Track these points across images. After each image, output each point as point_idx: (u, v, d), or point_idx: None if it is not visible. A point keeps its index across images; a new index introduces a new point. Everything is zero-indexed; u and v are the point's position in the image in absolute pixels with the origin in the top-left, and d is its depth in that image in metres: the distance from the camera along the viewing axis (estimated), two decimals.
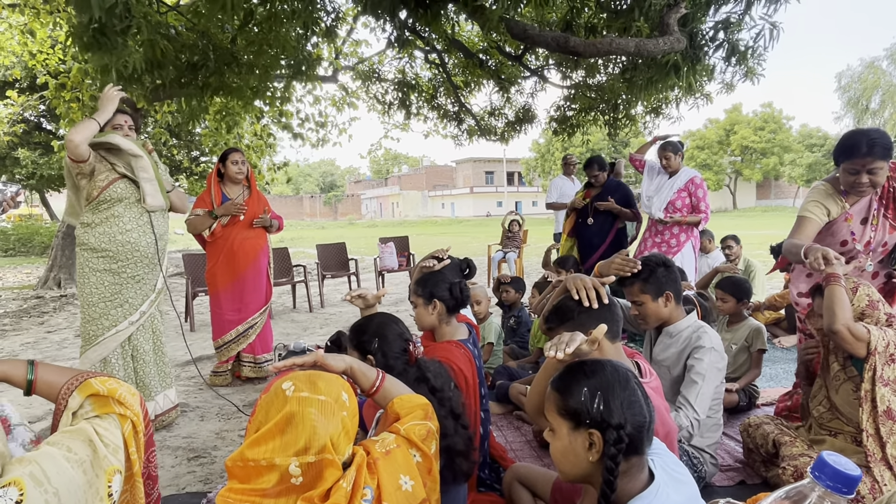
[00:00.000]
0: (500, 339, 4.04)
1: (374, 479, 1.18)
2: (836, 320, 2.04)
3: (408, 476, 1.24)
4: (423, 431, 1.36)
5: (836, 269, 2.09)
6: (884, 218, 2.56)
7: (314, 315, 6.93)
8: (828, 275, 2.12)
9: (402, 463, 1.26)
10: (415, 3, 3.87)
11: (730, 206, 43.20)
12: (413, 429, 1.35)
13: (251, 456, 1.08)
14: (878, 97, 32.06)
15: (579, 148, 27.98)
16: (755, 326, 3.50)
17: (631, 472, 1.19)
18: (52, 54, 7.42)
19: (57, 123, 10.72)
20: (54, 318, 6.92)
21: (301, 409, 1.11)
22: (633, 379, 1.24)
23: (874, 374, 2.01)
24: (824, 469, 0.70)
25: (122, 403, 1.16)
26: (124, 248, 3.04)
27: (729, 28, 4.36)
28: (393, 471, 1.23)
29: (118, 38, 3.45)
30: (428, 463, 1.34)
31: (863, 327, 2.05)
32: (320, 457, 1.09)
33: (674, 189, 4.47)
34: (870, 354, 2.02)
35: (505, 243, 8.47)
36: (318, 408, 1.12)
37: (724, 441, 2.81)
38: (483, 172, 58.04)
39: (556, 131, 7.50)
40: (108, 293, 3.02)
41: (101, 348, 3.01)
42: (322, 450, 1.09)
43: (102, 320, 3.01)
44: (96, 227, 3.01)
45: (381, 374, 1.47)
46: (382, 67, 8.06)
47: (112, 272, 3.03)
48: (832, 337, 2.09)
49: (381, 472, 1.20)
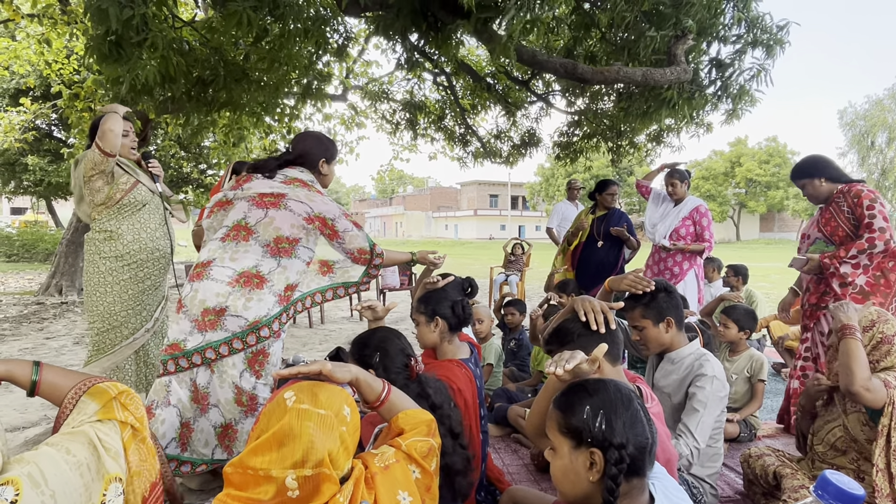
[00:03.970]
0: (501, 360, 4.02)
1: (371, 493, 1.17)
2: (853, 381, 1.97)
3: (406, 492, 1.23)
4: (424, 448, 1.34)
5: (851, 321, 2.08)
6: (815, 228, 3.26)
7: (314, 331, 6.91)
8: (843, 326, 2.09)
9: (401, 479, 1.25)
10: (426, 27, 3.93)
11: (733, 237, 43.21)
12: (415, 444, 1.33)
13: (250, 464, 1.07)
14: (885, 135, 32.26)
15: (583, 174, 28.14)
16: (757, 357, 3.47)
17: (632, 493, 1.18)
18: (67, 64, 7.52)
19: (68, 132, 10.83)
20: (54, 325, 6.91)
21: (300, 422, 1.10)
22: (636, 399, 1.23)
23: (893, 409, 1.97)
24: (828, 488, 0.70)
25: (126, 408, 1.15)
26: (153, 256, 3.03)
27: (723, 68, 4.44)
28: (391, 486, 1.21)
29: (134, 50, 3.50)
30: (428, 480, 1.33)
31: (880, 383, 1.98)
32: (317, 471, 1.08)
33: (679, 217, 4.49)
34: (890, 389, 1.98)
35: (507, 266, 8.47)
36: (317, 422, 1.11)
37: (725, 472, 2.78)
38: (487, 195, 58.26)
39: (559, 156, 7.55)
40: (132, 302, 2.98)
41: (116, 356, 2.97)
42: (319, 464, 1.08)
43: (122, 329, 2.96)
44: (124, 236, 2.95)
45: (387, 387, 1.44)
46: (391, 88, 8.16)
47: (137, 280, 2.99)
48: (850, 397, 2.03)
49: (379, 486, 1.18)
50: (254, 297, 2.30)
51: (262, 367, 2.35)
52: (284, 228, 2.41)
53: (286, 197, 2.45)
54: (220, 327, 2.28)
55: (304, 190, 2.51)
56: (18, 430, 3.35)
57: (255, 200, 2.45)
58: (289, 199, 2.45)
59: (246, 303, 2.29)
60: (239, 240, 2.40)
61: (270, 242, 2.39)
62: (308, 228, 2.46)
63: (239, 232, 2.41)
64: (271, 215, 2.42)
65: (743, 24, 4.22)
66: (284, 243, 2.41)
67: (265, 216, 2.42)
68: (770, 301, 6.09)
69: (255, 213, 2.43)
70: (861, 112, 33.43)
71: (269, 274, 2.36)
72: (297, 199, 2.46)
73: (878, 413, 1.99)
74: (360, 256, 2.60)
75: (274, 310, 2.34)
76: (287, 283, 2.40)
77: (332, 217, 2.50)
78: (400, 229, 59.86)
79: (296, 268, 2.45)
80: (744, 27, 4.24)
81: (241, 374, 2.31)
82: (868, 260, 3.02)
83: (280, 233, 2.40)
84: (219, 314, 2.28)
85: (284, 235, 2.41)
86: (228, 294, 2.29)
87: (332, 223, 2.50)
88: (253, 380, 2.33)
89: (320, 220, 2.48)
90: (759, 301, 5.50)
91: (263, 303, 2.31)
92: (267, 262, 2.38)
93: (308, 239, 2.49)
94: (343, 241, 2.55)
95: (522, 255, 8.49)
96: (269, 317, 2.32)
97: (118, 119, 2.83)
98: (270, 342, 2.36)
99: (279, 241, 2.40)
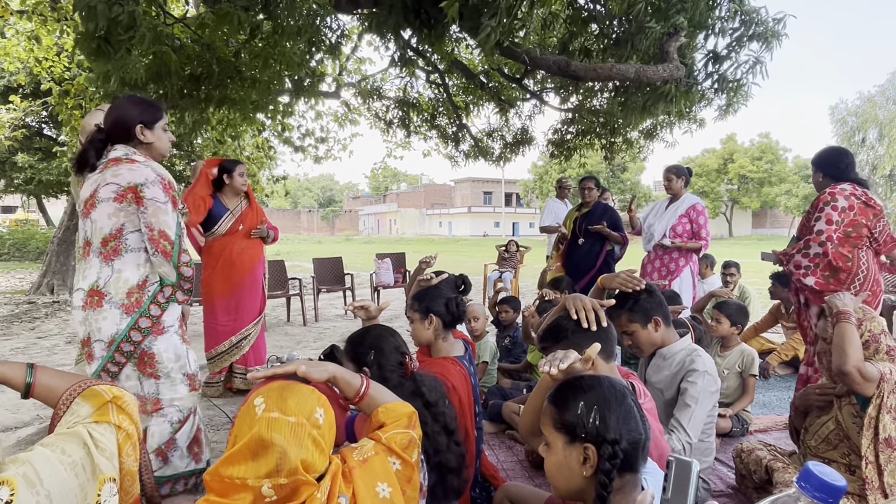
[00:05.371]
0: (496, 358, 4.03)
1: (349, 488, 1.17)
2: (846, 361, 2.00)
3: (385, 483, 1.23)
4: (404, 440, 1.34)
5: (847, 307, 2.10)
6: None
7: (308, 329, 6.90)
8: (838, 312, 2.11)
9: (380, 471, 1.25)
10: (419, 24, 3.93)
11: (726, 233, 43.40)
12: (395, 437, 1.33)
13: (225, 473, 1.08)
14: (876, 131, 32.42)
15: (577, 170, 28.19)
16: (748, 352, 3.50)
17: (625, 489, 1.19)
18: (57, 61, 7.47)
19: (58, 130, 10.75)
20: (45, 324, 6.87)
21: (270, 432, 1.09)
22: (630, 395, 1.24)
23: (881, 402, 1.99)
24: (810, 479, 0.71)
25: (122, 410, 1.15)
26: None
27: (719, 61, 4.46)
28: (370, 479, 1.21)
29: (123, 47, 3.48)
30: (409, 471, 1.33)
31: (873, 367, 2.00)
32: (293, 478, 1.09)
33: (676, 214, 4.53)
34: (880, 381, 2.00)
35: (501, 263, 8.49)
36: (287, 432, 1.10)
37: (717, 466, 2.80)
38: (481, 192, 58.28)
39: (552, 154, 7.56)
40: None
41: None
42: (294, 472, 1.09)
43: None
44: None
45: (365, 382, 1.43)
46: (385, 85, 8.14)
47: None
48: (842, 378, 2.04)
49: (357, 480, 1.19)
50: (99, 316, 2.13)
51: (154, 368, 2.23)
52: (104, 224, 2.15)
53: (98, 188, 2.16)
54: (93, 356, 2.16)
55: (113, 168, 2.17)
56: (11, 430, 3.33)
57: (84, 209, 2.21)
58: (98, 188, 2.15)
59: (96, 324, 2.14)
60: (84, 256, 2.21)
61: (101, 249, 2.16)
62: (123, 208, 2.15)
63: (84, 248, 2.22)
64: (93, 217, 2.17)
65: (738, 17, 4.24)
66: (111, 242, 2.15)
67: (91, 222, 2.18)
68: (762, 297, 6.12)
69: (87, 224, 2.20)
70: (852, 108, 33.56)
71: (106, 286, 2.14)
72: (104, 183, 2.15)
73: (869, 402, 2.02)
74: (160, 243, 2.18)
75: (122, 324, 2.14)
76: (128, 288, 2.15)
77: (142, 182, 2.14)
78: (394, 227, 59.79)
79: (132, 262, 2.18)
80: (738, 21, 4.26)
81: (140, 384, 2.22)
82: (808, 262, 3.04)
83: (103, 232, 2.15)
84: (86, 343, 2.17)
85: (107, 232, 2.15)
86: (84, 319, 2.15)
87: (140, 188, 2.14)
88: (151, 381, 2.23)
89: (131, 189, 2.14)
90: (752, 297, 5.54)
91: (109, 320, 2.13)
92: (104, 272, 2.15)
93: (131, 221, 2.17)
94: (146, 212, 2.15)
95: (516, 253, 8.50)
96: (121, 333, 2.13)
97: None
98: (150, 342, 2.21)
99: (105, 242, 2.16)
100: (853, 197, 3.05)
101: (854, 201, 3.05)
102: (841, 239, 3.00)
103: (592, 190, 5.05)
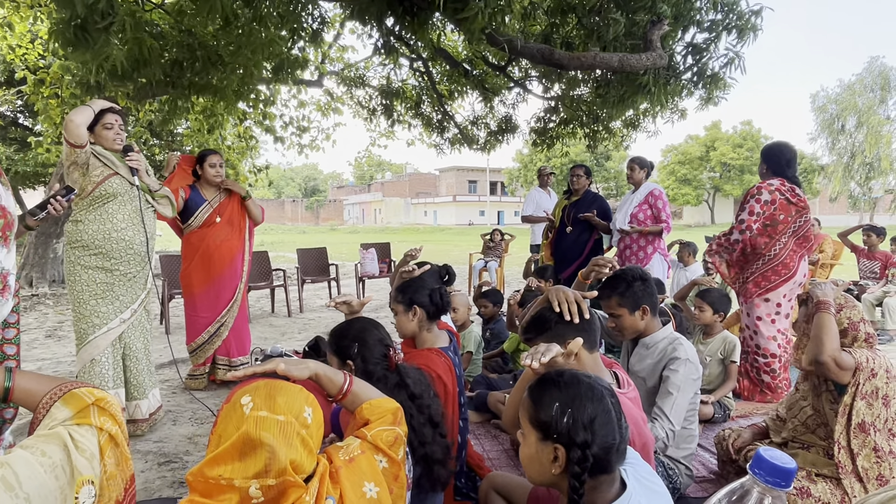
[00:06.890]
0: (480, 348, 4.04)
1: (336, 489, 1.16)
2: (822, 351, 2.03)
3: (372, 483, 1.22)
4: (390, 437, 1.33)
5: (827, 297, 2.14)
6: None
7: (293, 320, 6.87)
8: (818, 301, 2.14)
9: (367, 470, 1.24)
10: (402, 11, 3.88)
11: (708, 220, 43.87)
12: (380, 434, 1.32)
13: (210, 474, 1.05)
14: (855, 119, 32.82)
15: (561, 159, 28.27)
16: (730, 339, 3.55)
17: (600, 487, 1.19)
18: (31, 49, 7.28)
19: (34, 119, 10.50)
20: (24, 318, 6.75)
21: (258, 431, 1.07)
22: (610, 397, 1.22)
23: (856, 390, 2.03)
24: (762, 464, 0.72)
25: (104, 411, 1.13)
26: (118, 246, 3.01)
27: (698, 53, 4.49)
28: (356, 479, 1.20)
29: (100, 35, 3.40)
30: (395, 469, 1.32)
31: (849, 356, 2.03)
32: (281, 479, 1.07)
33: (634, 203, 4.71)
34: (856, 370, 2.04)
35: (486, 252, 8.50)
36: (276, 431, 1.08)
37: (700, 452, 2.84)
38: (466, 181, 58.21)
39: (535, 143, 7.57)
40: (100, 290, 2.99)
41: (92, 348, 2.96)
42: (282, 472, 1.07)
43: (93, 318, 2.97)
44: (90, 225, 2.96)
45: (348, 378, 1.42)
46: (368, 73, 8.06)
47: (104, 269, 2.99)
48: (817, 368, 2.07)
49: (344, 481, 1.18)
50: None
51: None
52: None
53: None
54: None
55: None
56: None
57: None
58: None
59: None
60: None
61: None
62: None
63: None
64: None
65: (718, 8, 4.25)
66: None
67: None
68: None
69: None
70: (833, 96, 33.94)
71: None
72: None
73: (846, 389, 2.06)
74: None
75: None
76: None
77: None
78: (379, 216, 59.57)
79: None
80: (716, 13, 4.28)
81: None
82: (728, 244, 3.54)
83: None
84: None
85: None
86: None
87: None
88: None
89: None
90: None
91: None
92: None
93: None
94: None
95: (501, 242, 8.52)
96: None
97: (85, 110, 2.83)
98: None
99: None
100: (778, 192, 3.43)
101: (778, 196, 3.43)
102: (760, 229, 3.46)
103: (582, 178, 5.06)
